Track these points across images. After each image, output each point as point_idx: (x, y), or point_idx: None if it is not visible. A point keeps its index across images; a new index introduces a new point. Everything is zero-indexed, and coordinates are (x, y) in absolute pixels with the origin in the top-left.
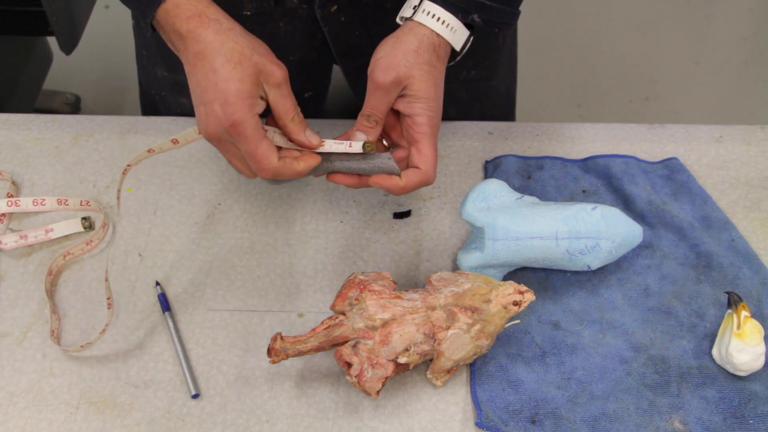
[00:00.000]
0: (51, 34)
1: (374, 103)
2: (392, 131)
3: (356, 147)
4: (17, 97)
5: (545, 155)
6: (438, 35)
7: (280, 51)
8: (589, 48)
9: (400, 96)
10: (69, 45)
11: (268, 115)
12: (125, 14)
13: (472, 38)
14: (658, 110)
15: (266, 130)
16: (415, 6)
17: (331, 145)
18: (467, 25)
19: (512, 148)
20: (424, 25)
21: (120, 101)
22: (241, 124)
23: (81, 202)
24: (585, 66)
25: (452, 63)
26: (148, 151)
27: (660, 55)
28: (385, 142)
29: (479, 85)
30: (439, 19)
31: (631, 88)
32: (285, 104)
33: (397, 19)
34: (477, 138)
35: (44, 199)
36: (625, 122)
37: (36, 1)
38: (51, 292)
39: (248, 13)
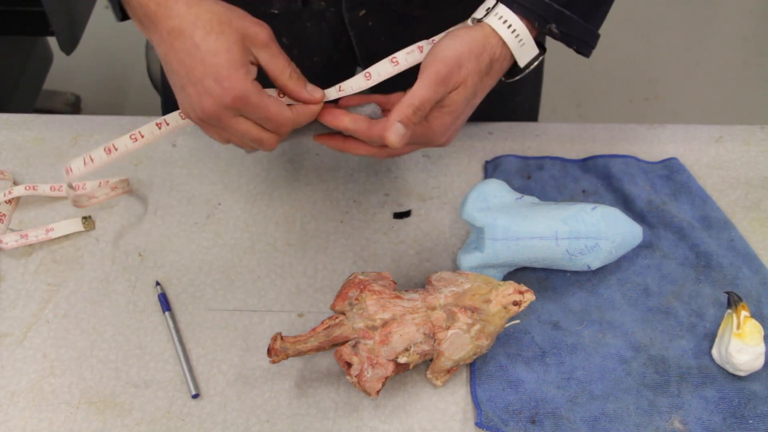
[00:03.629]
0: (51, 34)
1: (429, 97)
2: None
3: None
4: (17, 98)
5: (545, 155)
6: (504, 46)
7: (305, 51)
8: None
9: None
10: (69, 45)
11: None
12: None
13: (541, 59)
14: (658, 110)
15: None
16: (489, 8)
17: (348, 88)
18: (539, 44)
19: (512, 148)
20: (494, 32)
21: (120, 101)
22: (244, 96)
23: (100, 183)
24: (585, 66)
25: (508, 81)
26: (131, 137)
27: (660, 55)
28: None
29: (502, 99)
30: (510, 26)
31: (631, 88)
32: (278, 63)
33: (468, 21)
34: (477, 138)
35: (61, 186)
36: (625, 122)
37: (36, 1)
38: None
39: (276, 11)
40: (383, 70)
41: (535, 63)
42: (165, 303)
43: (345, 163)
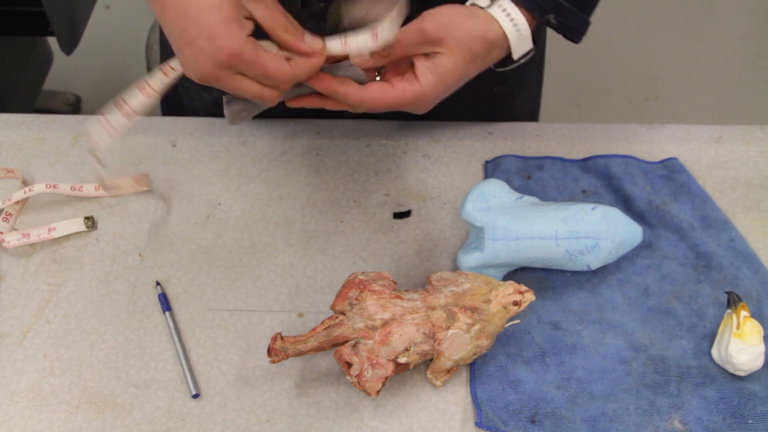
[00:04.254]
0: (51, 34)
1: (405, 42)
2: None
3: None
4: (18, 98)
5: (545, 155)
6: (504, 37)
7: None
8: (589, 48)
9: (426, 55)
10: (69, 45)
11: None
12: (125, 14)
13: (532, 53)
14: (657, 110)
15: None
16: None
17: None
18: (533, 41)
19: (512, 148)
20: (496, 22)
21: None
22: (238, 53)
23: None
24: (585, 66)
25: (497, 69)
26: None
27: (660, 55)
28: (378, 79)
29: (502, 102)
30: (512, 19)
31: (631, 88)
32: (273, 17)
33: (468, 4)
34: (477, 138)
35: (81, 186)
36: (625, 122)
37: (36, 2)
38: None
39: None
40: (389, 35)
41: (526, 58)
42: (165, 303)
43: (345, 163)
